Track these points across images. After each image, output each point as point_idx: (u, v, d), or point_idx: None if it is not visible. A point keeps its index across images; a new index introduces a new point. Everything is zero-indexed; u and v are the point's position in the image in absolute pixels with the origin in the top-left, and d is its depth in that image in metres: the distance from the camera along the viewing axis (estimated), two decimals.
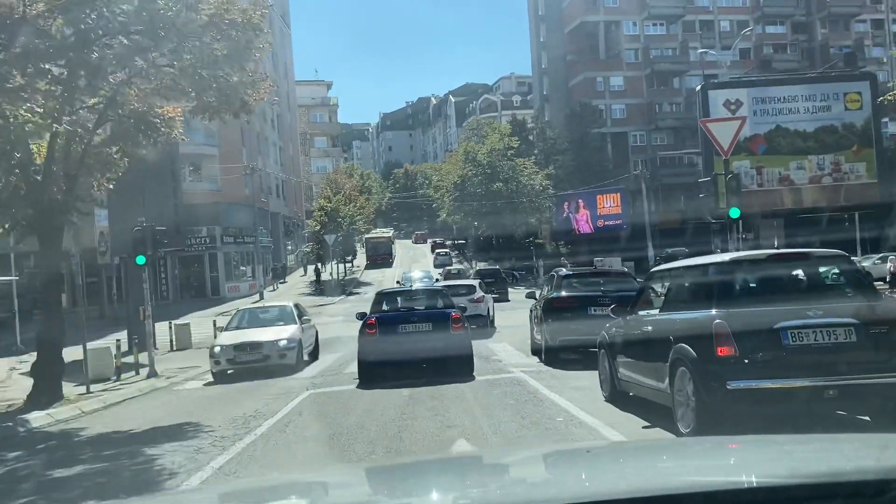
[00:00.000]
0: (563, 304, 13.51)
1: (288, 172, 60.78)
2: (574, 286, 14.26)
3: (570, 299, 13.60)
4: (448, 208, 55.84)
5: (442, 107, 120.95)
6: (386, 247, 63.76)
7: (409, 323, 12.51)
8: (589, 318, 12.29)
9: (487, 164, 52.66)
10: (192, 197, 43.13)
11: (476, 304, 21.26)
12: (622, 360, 8.50)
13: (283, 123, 60.35)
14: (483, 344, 17.07)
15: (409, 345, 12.12)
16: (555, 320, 13.23)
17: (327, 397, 11.47)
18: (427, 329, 12.33)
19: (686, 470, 2.17)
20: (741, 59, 70.44)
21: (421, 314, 12.90)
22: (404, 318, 12.71)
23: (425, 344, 12.13)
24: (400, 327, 12.39)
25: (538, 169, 53.01)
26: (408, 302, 13.87)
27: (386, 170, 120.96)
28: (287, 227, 58.09)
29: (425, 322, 12.50)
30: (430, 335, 12.22)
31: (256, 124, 51.01)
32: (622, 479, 2.05)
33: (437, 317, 12.63)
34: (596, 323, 10.69)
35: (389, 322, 12.55)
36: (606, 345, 9.08)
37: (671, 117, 68.41)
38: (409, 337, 12.21)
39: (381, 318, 12.72)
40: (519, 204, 51.32)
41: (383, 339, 12.21)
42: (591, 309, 12.75)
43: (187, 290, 43.92)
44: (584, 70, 68.20)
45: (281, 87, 60.76)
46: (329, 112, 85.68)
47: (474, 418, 8.88)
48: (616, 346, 8.73)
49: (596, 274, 16.65)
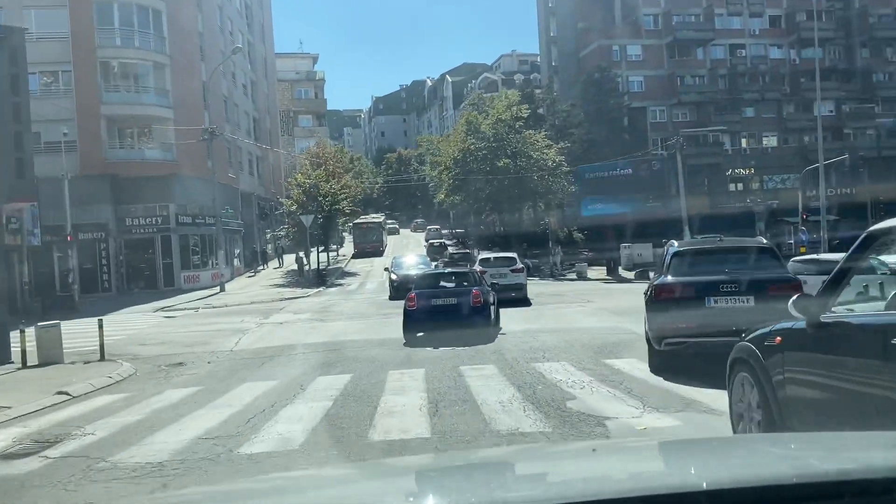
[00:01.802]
0: (671, 294, 9.55)
1: (264, 149, 53.47)
2: (689, 267, 9.89)
3: (680, 287, 9.53)
4: (447, 188, 48.48)
5: (438, 88, 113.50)
6: (376, 234, 56.55)
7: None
8: (710, 313, 8.97)
9: (493, 137, 45.36)
10: (139, 168, 35.85)
11: (516, 274, 23.50)
12: (803, 391, 4.64)
13: (258, 91, 52.97)
14: (528, 366, 10.31)
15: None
16: (661, 316, 9.54)
17: None
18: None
19: (691, 469, 2.05)
20: (771, 28, 63.49)
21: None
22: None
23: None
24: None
25: (551, 142, 45.72)
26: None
27: (378, 156, 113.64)
28: (262, 210, 50.77)
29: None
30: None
31: (223, 86, 43.68)
32: (628, 477, 2.03)
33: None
34: (723, 318, 8.59)
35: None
36: (754, 360, 5.09)
37: (694, 91, 61.34)
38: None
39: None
40: (529, 182, 44.10)
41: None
42: (710, 300, 9.16)
43: (136, 280, 36.66)
44: (597, 38, 61.03)
45: (256, 51, 53.42)
46: (315, 88, 78.14)
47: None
48: (784, 362, 4.80)
49: (723, 250, 10.40)
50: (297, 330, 17.30)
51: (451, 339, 12.80)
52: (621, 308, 17.80)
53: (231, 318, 21.27)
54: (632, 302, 20.80)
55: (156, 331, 19.15)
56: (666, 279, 9.64)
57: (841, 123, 62.99)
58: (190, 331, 18.51)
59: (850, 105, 63.55)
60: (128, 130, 37.17)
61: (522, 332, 14.58)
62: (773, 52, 63.57)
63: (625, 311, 16.67)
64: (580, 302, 21.28)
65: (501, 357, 11.21)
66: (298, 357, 12.58)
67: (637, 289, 25.49)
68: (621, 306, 18.26)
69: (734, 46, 62.95)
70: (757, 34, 63.16)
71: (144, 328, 19.97)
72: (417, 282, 16.02)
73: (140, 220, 36.35)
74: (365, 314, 20.61)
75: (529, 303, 21.61)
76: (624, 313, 16.36)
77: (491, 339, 13.30)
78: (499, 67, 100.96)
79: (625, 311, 16.49)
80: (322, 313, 21.44)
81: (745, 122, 61.65)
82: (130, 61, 36.08)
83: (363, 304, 24.84)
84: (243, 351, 14.11)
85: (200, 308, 26.57)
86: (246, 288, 36.43)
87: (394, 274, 27.18)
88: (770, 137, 62.75)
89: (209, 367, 12.13)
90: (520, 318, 17.28)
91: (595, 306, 19.63)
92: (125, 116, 36.05)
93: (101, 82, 35.20)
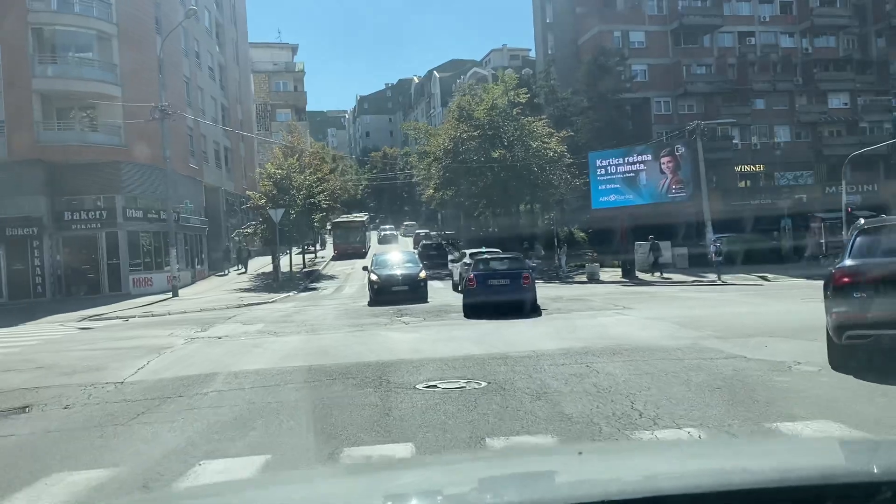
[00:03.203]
0: (856, 279, 7.78)
1: (236, 139, 48.48)
2: (877, 247, 8.20)
3: (866, 271, 7.76)
4: (435, 183, 43.59)
5: (425, 86, 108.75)
6: (359, 234, 51.59)
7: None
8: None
9: (488, 125, 40.53)
10: (79, 153, 30.81)
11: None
12: None
13: (228, 77, 48.00)
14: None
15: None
16: (842, 304, 7.81)
17: None
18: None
19: (674, 471, 2.07)
20: (782, 14, 59.28)
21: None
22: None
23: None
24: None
25: (553, 130, 40.91)
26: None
27: (363, 156, 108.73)
28: (231, 206, 45.75)
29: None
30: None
31: (185, 66, 38.71)
32: (612, 480, 2.01)
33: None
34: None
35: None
36: None
37: (702, 81, 56.95)
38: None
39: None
40: (529, 175, 39.31)
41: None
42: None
43: (78, 284, 31.60)
44: (597, 23, 56.55)
45: (226, 33, 48.51)
46: (294, 80, 73.02)
47: None
48: None
49: None
50: (234, 349, 12.42)
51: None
52: (685, 318, 13.11)
53: (159, 330, 16.34)
54: (686, 309, 16.41)
55: (50, 347, 14.23)
56: (848, 262, 8.12)
57: (857, 117, 58.90)
58: (92, 349, 13.61)
59: (865, 97, 59.46)
60: (66, 110, 32.06)
61: (562, 353, 9.82)
62: (784, 41, 59.39)
63: (696, 322, 11.97)
64: (616, 309, 16.61)
65: (560, 415, 6.35)
66: (207, 399, 7.76)
67: (676, 294, 20.78)
68: (683, 316, 13.59)
69: (743, 34, 58.71)
70: (767, 21, 58.96)
71: (37, 344, 15.00)
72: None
73: (81, 215, 31.27)
74: (333, 326, 15.75)
75: (540, 312, 16.72)
76: (698, 325, 11.65)
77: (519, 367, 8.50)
78: (489, 63, 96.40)
79: (697, 323, 11.78)
80: (279, 324, 16.57)
81: (755, 115, 57.37)
82: (69, 29, 31.06)
83: (335, 311, 19.96)
84: (138, 384, 9.27)
85: (136, 317, 21.61)
86: (205, 293, 31.44)
87: (374, 274, 22.20)
88: (783, 129, 58.45)
89: (56, 420, 7.30)
90: (545, 329, 12.54)
91: (641, 315, 14.91)
92: (63, 93, 30.97)
93: (32, 53, 30.17)
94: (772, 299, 19.21)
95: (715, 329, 11.57)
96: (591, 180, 35.55)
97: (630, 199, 33.86)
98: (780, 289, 23.74)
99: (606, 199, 34.49)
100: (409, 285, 21.32)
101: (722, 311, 15.41)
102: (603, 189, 34.81)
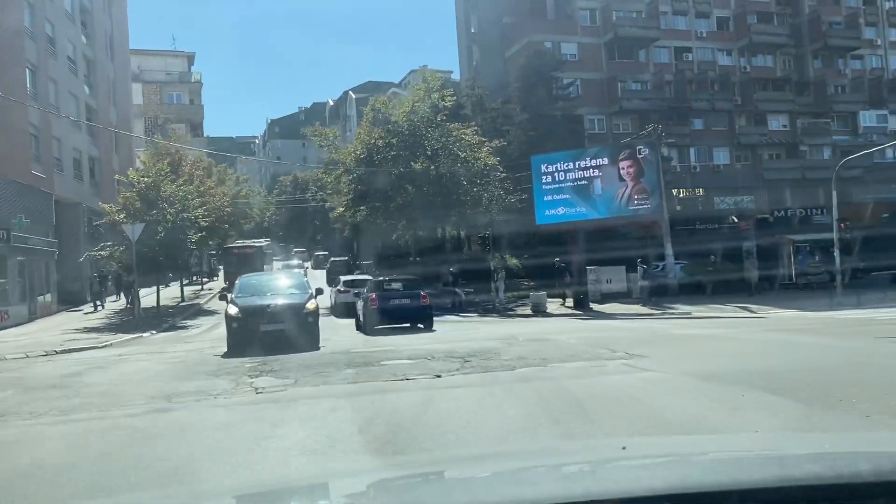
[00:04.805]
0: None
1: (108, 149, 40.52)
2: None
3: None
4: (346, 199, 36.82)
5: (340, 107, 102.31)
6: (255, 262, 43.94)
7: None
8: None
9: (408, 131, 34.25)
10: None
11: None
12: None
13: (97, 74, 40.10)
14: None
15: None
16: None
17: None
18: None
19: (674, 472, 2.00)
20: (719, 30, 55.96)
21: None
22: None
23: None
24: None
25: (483, 140, 34.95)
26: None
27: (273, 183, 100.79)
28: (97, 228, 37.72)
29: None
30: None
31: (29, 49, 30.93)
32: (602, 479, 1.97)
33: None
34: None
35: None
36: None
37: (638, 97, 52.68)
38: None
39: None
40: (456, 189, 33.15)
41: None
42: None
43: None
44: (526, 34, 51.74)
45: (96, 20, 40.79)
46: (190, 92, 65.12)
47: None
48: None
49: None
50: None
51: None
52: (759, 373, 6.93)
53: None
54: (738, 355, 10.60)
55: None
56: None
57: (797, 139, 55.90)
58: None
59: (804, 120, 56.61)
60: None
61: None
62: (721, 58, 56.03)
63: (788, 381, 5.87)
64: (616, 357, 10.23)
65: None
66: None
67: (669, 329, 15.13)
68: (753, 370, 7.37)
69: (680, 50, 55.03)
70: (704, 36, 55.53)
71: None
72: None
73: None
74: (130, 398, 8.64)
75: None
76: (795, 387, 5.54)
77: None
78: (408, 84, 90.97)
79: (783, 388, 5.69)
80: (38, 393, 9.46)
81: (693, 135, 53.51)
82: None
83: (167, 365, 12.52)
84: None
85: None
86: (33, 333, 23.57)
87: (234, 306, 14.71)
88: (722, 151, 54.73)
89: None
90: (519, 409, 6.14)
91: (672, 370, 8.63)
92: None
93: None
94: (833, 337, 13.54)
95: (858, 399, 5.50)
96: (534, 190, 29.40)
97: (582, 212, 27.72)
98: (809, 322, 18.32)
99: (553, 212, 28.30)
100: (287, 322, 14.17)
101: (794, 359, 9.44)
102: (549, 200, 28.63)
